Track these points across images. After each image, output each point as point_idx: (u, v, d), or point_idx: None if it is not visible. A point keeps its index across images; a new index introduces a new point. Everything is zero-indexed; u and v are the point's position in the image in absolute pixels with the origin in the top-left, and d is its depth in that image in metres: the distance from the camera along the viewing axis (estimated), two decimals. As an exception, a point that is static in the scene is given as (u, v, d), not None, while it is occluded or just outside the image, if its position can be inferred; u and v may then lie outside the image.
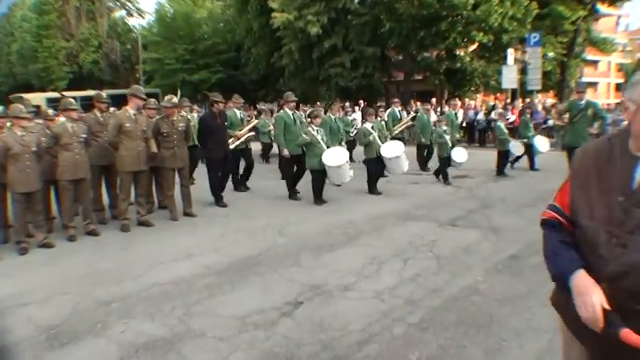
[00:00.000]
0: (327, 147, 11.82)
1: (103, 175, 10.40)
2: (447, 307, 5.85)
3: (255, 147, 16.54)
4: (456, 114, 17.29)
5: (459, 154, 14.67)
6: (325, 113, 14.79)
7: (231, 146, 12.76)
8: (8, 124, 8.95)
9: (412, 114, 21.15)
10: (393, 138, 17.82)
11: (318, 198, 11.91)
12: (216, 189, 11.89)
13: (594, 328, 2.22)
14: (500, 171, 15.49)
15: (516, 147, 15.82)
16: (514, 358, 4.69)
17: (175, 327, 5.48)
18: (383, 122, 15.39)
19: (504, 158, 15.64)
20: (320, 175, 11.75)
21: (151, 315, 5.82)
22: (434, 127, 15.57)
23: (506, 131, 15.63)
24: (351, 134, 18.26)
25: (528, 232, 8.76)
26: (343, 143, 14.44)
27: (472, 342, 5.01)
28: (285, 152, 12.34)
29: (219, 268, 7.43)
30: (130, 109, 9.91)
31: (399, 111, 19.25)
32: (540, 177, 14.97)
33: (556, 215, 2.59)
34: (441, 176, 14.48)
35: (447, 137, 14.39)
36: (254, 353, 4.85)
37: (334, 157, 11.47)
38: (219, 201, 11.83)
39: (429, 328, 5.33)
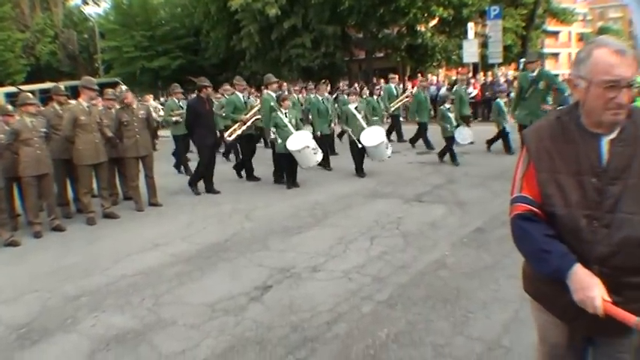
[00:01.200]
0: (299, 129, 11.73)
1: (66, 169, 10.25)
2: (415, 283, 5.94)
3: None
4: (465, 89, 16.93)
5: (463, 134, 13.81)
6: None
7: (238, 131, 12.55)
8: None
9: (408, 91, 20.74)
10: (390, 115, 17.98)
11: (290, 182, 11.81)
12: (198, 175, 11.79)
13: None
14: (489, 146, 15.06)
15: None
16: (481, 329, 4.77)
17: (146, 317, 5.49)
18: (372, 100, 15.30)
19: (502, 135, 14.60)
20: (289, 158, 11.59)
21: (121, 307, 5.81)
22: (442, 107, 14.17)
23: (505, 109, 14.46)
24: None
25: (493, 205, 8.96)
26: (332, 125, 14.51)
27: (440, 316, 5.09)
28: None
29: (187, 256, 7.43)
30: (83, 102, 9.79)
31: (395, 87, 19.12)
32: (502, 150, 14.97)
33: (531, 207, 2.49)
34: (448, 156, 13.53)
35: (452, 116, 13.59)
36: (225, 339, 4.88)
37: (297, 140, 11.29)
38: (193, 187, 11.71)
39: (397, 304, 5.41)
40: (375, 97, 15.63)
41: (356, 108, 12.55)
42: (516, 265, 5.86)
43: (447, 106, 13.70)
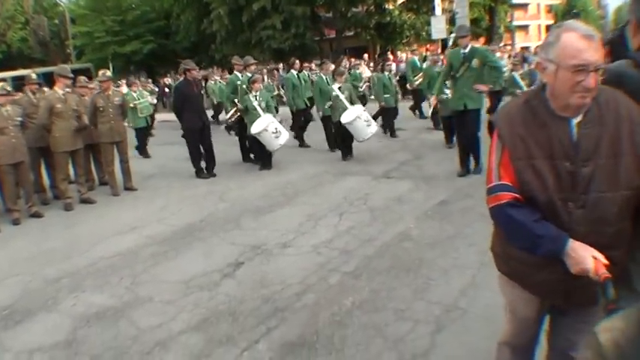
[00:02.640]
0: (269, 112, 11.73)
1: (42, 156, 10.43)
2: (380, 255, 6.27)
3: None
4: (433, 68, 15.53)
5: None
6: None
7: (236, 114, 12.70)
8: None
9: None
10: (413, 90, 17.65)
11: (263, 164, 11.89)
12: (196, 160, 11.72)
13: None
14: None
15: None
16: (440, 294, 5.11)
17: (124, 296, 5.76)
18: (384, 76, 14.92)
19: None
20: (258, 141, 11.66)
21: (100, 287, 6.08)
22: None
23: (522, 83, 12.65)
24: (360, 89, 17.32)
25: (457, 179, 9.36)
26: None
27: (402, 284, 5.43)
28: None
29: (162, 237, 7.69)
30: (58, 90, 9.93)
31: (418, 59, 18.95)
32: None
33: (514, 195, 2.50)
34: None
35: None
36: (199, 312, 5.18)
37: (258, 123, 11.30)
38: (199, 173, 11.68)
39: (362, 275, 5.74)
40: (386, 73, 15.13)
41: (339, 88, 12.29)
42: (477, 234, 6.31)
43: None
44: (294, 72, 14.63)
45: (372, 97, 16.74)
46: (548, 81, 2.45)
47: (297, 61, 15.88)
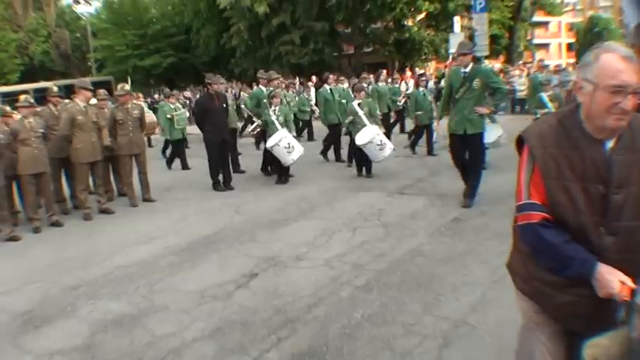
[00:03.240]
0: (288, 127, 11.88)
1: (63, 167, 10.66)
2: (392, 270, 6.37)
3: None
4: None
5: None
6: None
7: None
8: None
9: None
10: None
11: (279, 177, 12.01)
12: (214, 173, 11.80)
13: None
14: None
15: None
16: (450, 310, 5.19)
17: (140, 304, 5.91)
18: (418, 93, 14.51)
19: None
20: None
21: (117, 295, 6.23)
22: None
23: (550, 105, 12.83)
24: (398, 103, 17.21)
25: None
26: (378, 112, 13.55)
27: (412, 299, 5.52)
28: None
29: (179, 248, 7.84)
30: (79, 102, 10.16)
31: (436, 77, 18.83)
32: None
33: (544, 215, 2.48)
34: None
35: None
36: (213, 321, 5.31)
37: (272, 137, 11.43)
38: (216, 186, 11.79)
39: (373, 289, 5.84)
40: (421, 89, 14.76)
41: (359, 104, 12.05)
42: (488, 252, 6.39)
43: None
44: (327, 87, 14.73)
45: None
46: (584, 101, 2.43)
47: (331, 76, 16.00)
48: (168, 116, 14.72)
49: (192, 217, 9.57)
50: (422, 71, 27.22)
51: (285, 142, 11.16)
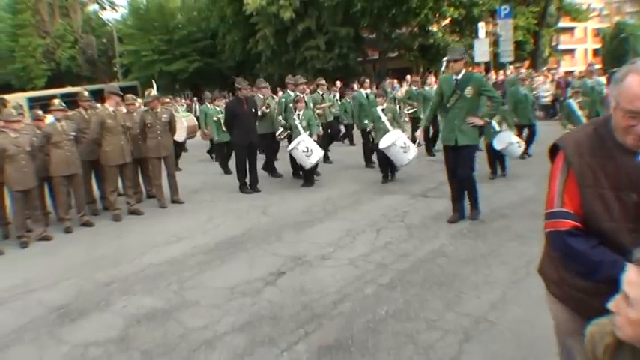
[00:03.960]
0: (310, 131, 11.98)
1: (93, 169, 10.93)
2: (415, 269, 6.52)
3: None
4: None
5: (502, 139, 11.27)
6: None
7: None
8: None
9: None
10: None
11: (306, 181, 12.19)
12: (241, 176, 12.04)
13: None
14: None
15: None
16: (471, 307, 5.35)
17: (172, 299, 6.14)
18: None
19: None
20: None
21: (149, 291, 6.47)
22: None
23: (579, 113, 12.17)
24: None
25: (493, 200, 9.48)
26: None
27: (434, 296, 5.69)
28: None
29: (208, 247, 8.07)
30: (109, 106, 10.48)
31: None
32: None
33: (575, 223, 2.48)
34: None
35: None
36: (243, 316, 5.52)
37: (294, 142, 11.55)
38: (242, 188, 12.03)
39: (397, 287, 6.01)
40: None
41: (383, 110, 12.03)
42: (509, 253, 6.56)
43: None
44: (363, 91, 14.85)
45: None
46: (612, 114, 2.43)
47: (368, 80, 16.12)
48: (215, 119, 14.97)
49: (220, 218, 9.79)
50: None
51: (303, 146, 11.27)
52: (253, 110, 12.02)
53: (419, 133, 9.85)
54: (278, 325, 5.24)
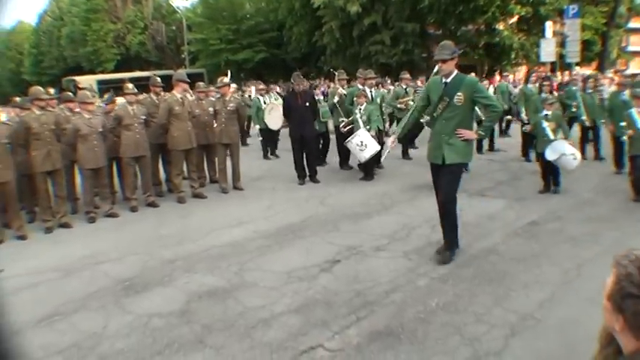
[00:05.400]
0: (370, 125, 12.04)
1: (160, 152, 11.31)
2: (467, 265, 6.70)
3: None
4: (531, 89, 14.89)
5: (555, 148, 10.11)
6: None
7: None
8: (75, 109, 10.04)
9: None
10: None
11: (366, 174, 12.29)
12: (298, 166, 12.26)
13: None
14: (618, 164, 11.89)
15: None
16: (518, 304, 5.49)
17: (232, 279, 6.47)
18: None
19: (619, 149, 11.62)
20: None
21: (211, 270, 6.82)
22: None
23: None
24: (513, 99, 16.80)
25: (550, 202, 9.54)
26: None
27: (484, 292, 5.85)
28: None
29: (267, 233, 8.37)
30: (177, 94, 10.86)
31: (507, 85, 17.90)
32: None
33: None
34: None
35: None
36: (298, 299, 5.81)
37: (352, 137, 11.62)
38: (300, 178, 12.25)
39: (448, 280, 6.19)
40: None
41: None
42: (561, 255, 6.71)
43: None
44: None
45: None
46: None
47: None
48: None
49: (280, 206, 10.08)
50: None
51: (357, 140, 11.38)
52: (307, 104, 12.16)
53: (390, 143, 7.63)
54: (331, 310, 5.49)
